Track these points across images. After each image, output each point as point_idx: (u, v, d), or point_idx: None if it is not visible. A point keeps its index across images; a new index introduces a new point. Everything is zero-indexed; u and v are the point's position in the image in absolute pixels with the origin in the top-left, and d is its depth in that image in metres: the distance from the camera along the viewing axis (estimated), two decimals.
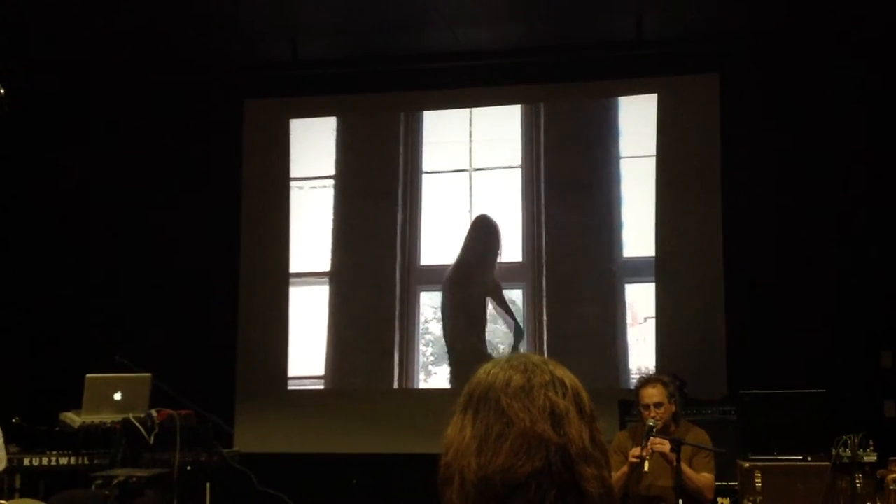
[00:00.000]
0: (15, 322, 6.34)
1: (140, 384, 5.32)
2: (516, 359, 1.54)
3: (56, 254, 7.00)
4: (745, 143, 6.62)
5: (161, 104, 7.25)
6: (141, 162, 7.23)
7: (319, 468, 6.76)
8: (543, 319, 6.93)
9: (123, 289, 7.05)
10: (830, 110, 6.48)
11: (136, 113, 7.23)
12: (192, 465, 5.35)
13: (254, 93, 7.45)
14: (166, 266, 7.12)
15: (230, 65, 7.17)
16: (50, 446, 5.51)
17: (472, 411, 1.48)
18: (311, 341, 7.23)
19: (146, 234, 7.16)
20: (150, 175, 7.23)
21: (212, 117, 7.28)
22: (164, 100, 7.24)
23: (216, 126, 7.29)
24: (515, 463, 1.39)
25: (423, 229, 7.22)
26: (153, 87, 7.19)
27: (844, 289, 6.36)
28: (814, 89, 6.56)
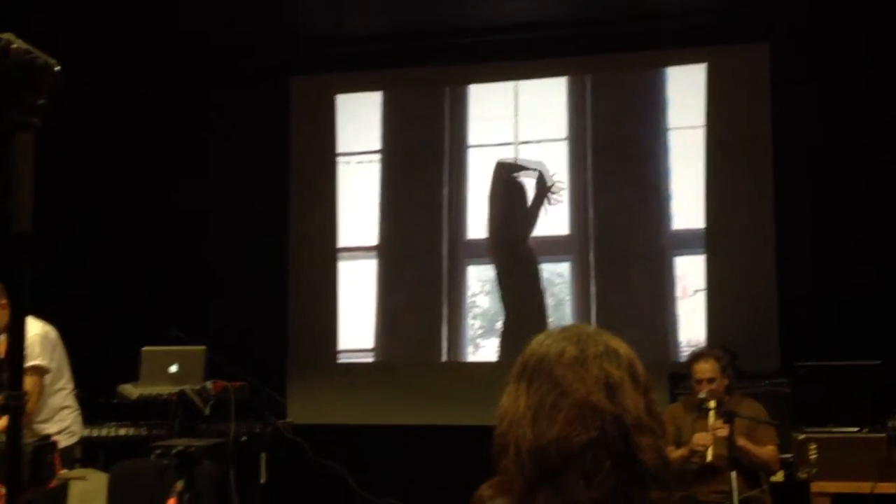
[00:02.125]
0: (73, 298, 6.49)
1: (195, 357, 5.41)
2: (570, 330, 1.55)
3: (112, 229, 7.12)
4: (797, 113, 6.52)
5: (208, 81, 7.32)
6: (190, 140, 7.31)
7: (370, 439, 6.85)
8: (591, 293, 6.92)
9: (178, 264, 7.17)
10: (883, 78, 6.35)
11: (183, 91, 7.31)
12: (247, 436, 5.46)
13: (300, 69, 7.49)
14: (219, 242, 7.22)
15: (276, 41, 7.21)
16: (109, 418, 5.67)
17: (526, 382, 1.50)
18: (361, 315, 7.30)
19: (198, 210, 7.25)
20: (200, 152, 7.32)
21: (259, 94, 7.34)
22: (212, 77, 7.31)
23: (263, 103, 7.35)
24: (570, 433, 1.41)
25: (469, 203, 7.22)
26: (200, 65, 7.26)
27: None
28: (866, 57, 6.43)
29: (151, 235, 7.23)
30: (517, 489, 1.44)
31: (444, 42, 7.23)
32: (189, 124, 7.32)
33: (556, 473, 1.40)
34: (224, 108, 7.30)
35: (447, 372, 7.11)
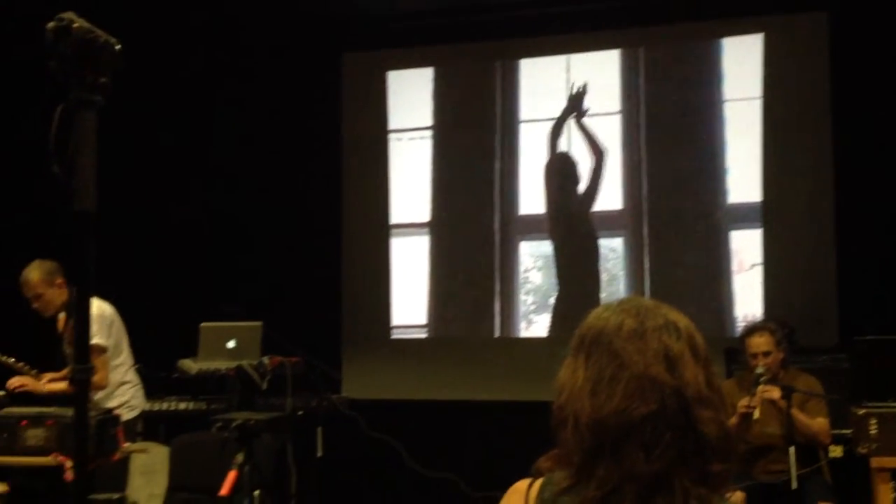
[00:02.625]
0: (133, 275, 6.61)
1: (252, 332, 5.49)
2: (628, 302, 1.55)
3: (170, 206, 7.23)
4: (856, 84, 6.36)
5: (262, 58, 7.37)
6: (244, 117, 7.38)
7: (424, 415, 6.90)
8: (645, 268, 6.86)
9: (234, 240, 7.26)
10: None
11: (236, 67, 7.37)
12: (304, 410, 5.54)
13: (351, 46, 7.50)
14: (273, 218, 7.29)
15: (328, 18, 7.23)
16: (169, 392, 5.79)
17: (584, 355, 1.50)
18: (413, 291, 7.33)
19: (252, 187, 7.34)
20: (253, 130, 7.39)
21: (311, 71, 7.37)
22: (265, 54, 7.36)
23: (316, 80, 7.38)
24: (630, 405, 1.41)
25: (521, 179, 7.20)
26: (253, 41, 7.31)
27: None
28: None
29: (207, 212, 7.33)
30: (576, 461, 1.44)
31: (496, 16, 7.18)
32: (242, 101, 7.39)
33: (616, 446, 1.40)
34: (277, 86, 7.35)
35: (500, 348, 7.12)
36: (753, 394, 4.47)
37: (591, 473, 1.41)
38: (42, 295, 4.66)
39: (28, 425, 3.93)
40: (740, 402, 4.45)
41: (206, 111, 7.37)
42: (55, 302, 4.72)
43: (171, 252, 7.19)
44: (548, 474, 1.48)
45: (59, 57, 1.52)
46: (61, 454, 3.89)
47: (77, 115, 1.55)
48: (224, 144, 7.39)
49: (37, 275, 4.66)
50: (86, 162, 1.57)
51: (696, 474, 1.39)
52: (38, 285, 4.65)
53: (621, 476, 1.38)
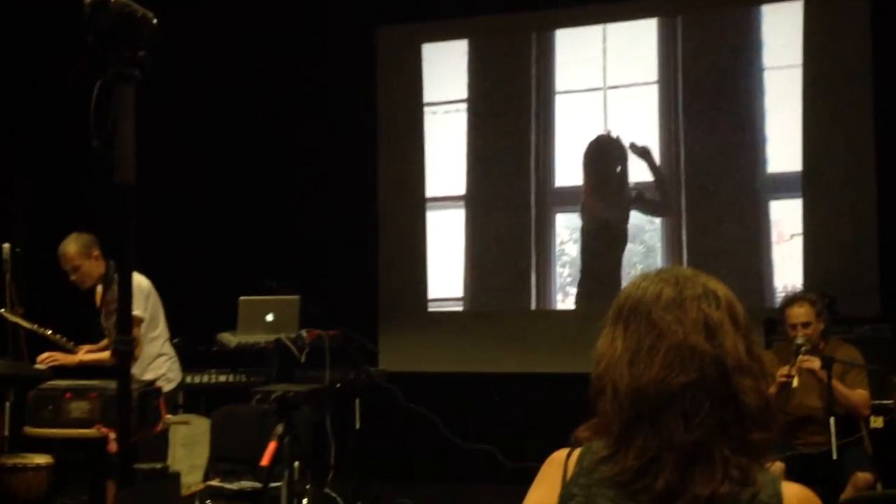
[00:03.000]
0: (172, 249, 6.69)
1: (290, 306, 5.54)
2: (666, 272, 1.54)
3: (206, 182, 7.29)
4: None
5: (296, 32, 7.38)
6: (279, 92, 7.40)
7: (461, 387, 6.92)
8: (683, 240, 6.81)
9: (271, 214, 7.31)
10: None
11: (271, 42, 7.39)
12: (342, 383, 5.58)
13: (386, 18, 7.48)
14: (309, 193, 7.32)
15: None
16: (209, 365, 5.87)
17: (623, 324, 1.50)
18: (450, 264, 7.34)
19: (288, 162, 7.37)
20: (289, 104, 7.41)
21: (346, 44, 7.36)
22: (299, 28, 7.36)
23: (350, 53, 7.38)
24: (669, 374, 1.40)
25: (557, 150, 7.15)
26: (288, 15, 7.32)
27: None
28: None
29: (243, 186, 7.38)
30: (614, 430, 1.44)
31: None
32: (277, 76, 7.41)
33: (655, 415, 1.40)
34: (312, 59, 7.36)
35: (536, 320, 7.12)
36: (793, 363, 4.43)
37: (629, 443, 1.41)
38: (80, 267, 4.72)
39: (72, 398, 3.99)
40: (779, 371, 4.42)
41: (244, 86, 7.40)
42: (92, 274, 4.78)
43: (209, 226, 7.26)
44: (586, 444, 1.48)
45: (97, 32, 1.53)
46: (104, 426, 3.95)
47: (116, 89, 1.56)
48: (261, 119, 7.41)
49: (74, 247, 4.72)
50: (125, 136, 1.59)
51: (736, 443, 1.38)
52: (75, 257, 4.71)
53: (660, 445, 1.38)
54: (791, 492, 1.38)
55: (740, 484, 1.36)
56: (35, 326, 4.70)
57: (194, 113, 7.24)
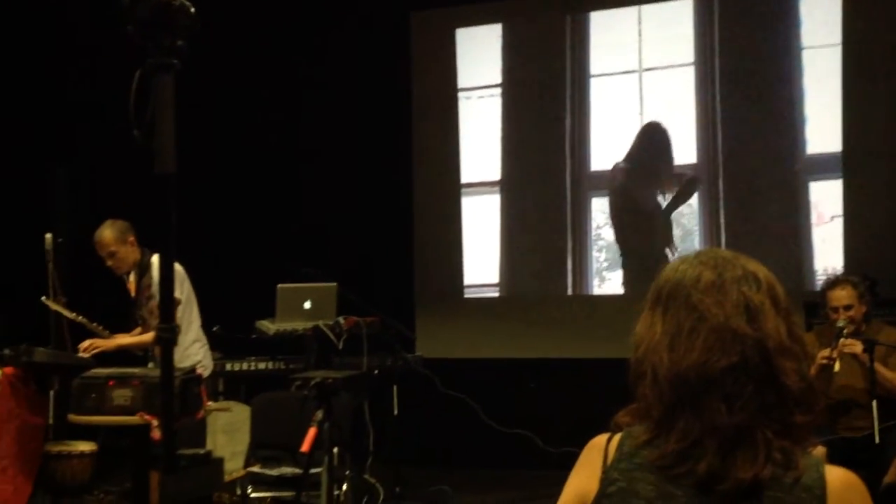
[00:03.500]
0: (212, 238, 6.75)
1: (327, 293, 5.58)
2: (705, 254, 1.52)
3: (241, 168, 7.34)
4: None
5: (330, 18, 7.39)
6: (313, 77, 7.43)
7: (498, 373, 6.93)
8: (720, 223, 6.74)
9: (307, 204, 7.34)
10: None
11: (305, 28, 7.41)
12: (379, 369, 5.62)
13: (419, 4, 7.47)
14: (344, 179, 7.35)
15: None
16: (248, 353, 5.93)
17: (662, 308, 1.49)
18: (485, 250, 7.34)
19: (324, 149, 7.39)
20: (323, 90, 7.43)
21: (380, 30, 7.36)
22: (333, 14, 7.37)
23: (384, 39, 7.37)
24: (710, 358, 1.39)
25: (592, 134, 7.11)
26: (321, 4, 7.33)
27: None
28: None
29: (281, 174, 7.42)
30: (655, 415, 1.43)
31: None
32: (311, 62, 7.43)
33: (696, 399, 1.39)
34: (346, 46, 7.37)
35: (572, 305, 7.09)
36: (834, 346, 4.38)
37: (671, 427, 1.40)
38: (116, 253, 4.78)
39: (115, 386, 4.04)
40: (820, 354, 4.37)
41: (280, 74, 7.43)
42: (128, 260, 4.83)
43: (247, 215, 7.31)
44: (626, 428, 1.48)
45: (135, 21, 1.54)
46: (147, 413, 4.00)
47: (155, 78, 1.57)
48: (297, 107, 7.45)
49: (110, 233, 4.78)
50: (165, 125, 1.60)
51: (778, 426, 1.37)
52: (111, 243, 4.77)
53: (702, 429, 1.37)
54: (835, 475, 1.37)
55: (783, 467, 1.35)
56: (74, 315, 4.77)
57: (231, 101, 7.28)
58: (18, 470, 4.31)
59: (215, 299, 5.43)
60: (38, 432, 4.45)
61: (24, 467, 4.33)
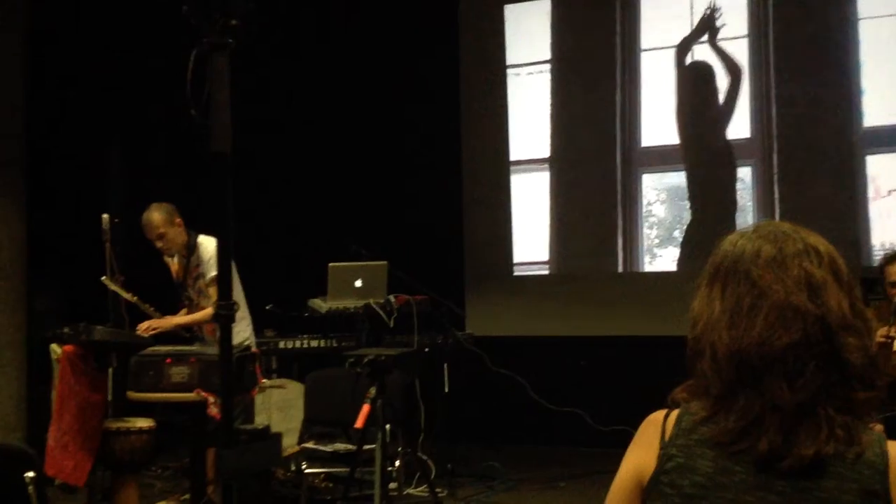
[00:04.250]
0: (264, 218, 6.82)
1: (378, 271, 5.61)
2: (764, 228, 1.49)
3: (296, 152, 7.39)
4: None
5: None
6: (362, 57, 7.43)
7: (547, 351, 6.92)
8: (775, 197, 6.64)
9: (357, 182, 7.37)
10: None
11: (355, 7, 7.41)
12: (430, 347, 5.64)
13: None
14: (394, 158, 7.36)
15: None
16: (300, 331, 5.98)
17: (721, 284, 1.46)
18: (535, 227, 7.31)
19: (372, 128, 7.41)
20: (372, 69, 7.43)
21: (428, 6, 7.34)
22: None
23: (433, 15, 7.35)
24: (771, 335, 1.37)
25: (643, 110, 7.03)
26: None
27: None
28: None
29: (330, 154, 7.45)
30: (714, 392, 1.41)
31: None
32: (360, 43, 7.43)
33: (757, 377, 1.37)
34: (394, 25, 7.36)
35: (623, 283, 7.05)
36: (892, 323, 4.29)
37: (730, 404, 1.38)
38: (165, 234, 4.84)
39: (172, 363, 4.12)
40: (878, 332, 4.28)
41: (327, 54, 7.45)
42: (177, 241, 4.90)
43: (298, 194, 7.36)
44: (684, 405, 1.46)
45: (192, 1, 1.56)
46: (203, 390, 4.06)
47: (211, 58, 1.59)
48: (343, 87, 7.46)
49: (158, 216, 4.84)
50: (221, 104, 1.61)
51: (840, 402, 1.35)
52: (160, 225, 4.83)
53: (763, 407, 1.35)
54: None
55: (845, 443, 1.33)
56: (130, 295, 4.85)
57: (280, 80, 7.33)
58: (79, 446, 4.40)
59: (268, 278, 5.49)
60: (98, 409, 4.54)
61: (84, 443, 4.43)
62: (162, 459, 6.02)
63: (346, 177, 7.40)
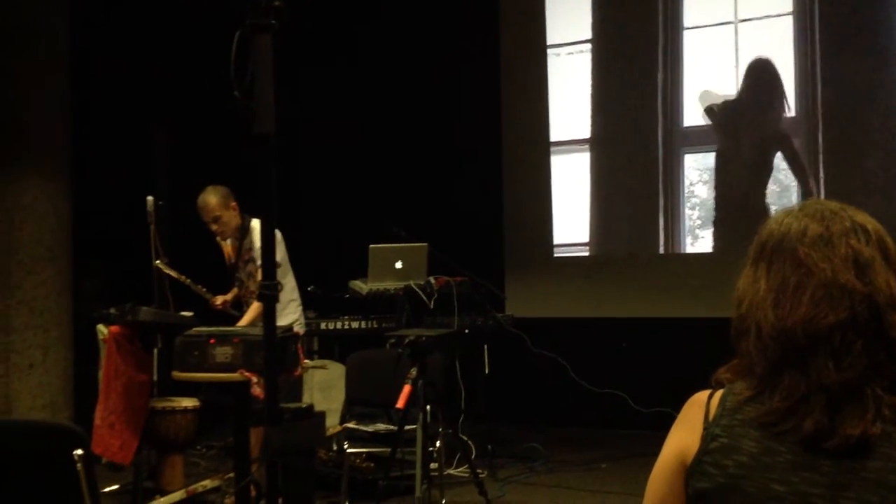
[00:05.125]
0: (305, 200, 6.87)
1: (418, 253, 5.62)
2: (810, 206, 1.47)
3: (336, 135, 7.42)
4: None
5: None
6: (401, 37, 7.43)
7: (588, 332, 6.90)
8: (820, 177, 6.54)
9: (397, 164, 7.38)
10: None
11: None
12: (470, 329, 5.65)
13: None
14: (433, 140, 7.36)
15: None
16: (341, 312, 6.03)
17: (766, 263, 1.45)
18: (575, 209, 7.28)
19: (412, 109, 7.41)
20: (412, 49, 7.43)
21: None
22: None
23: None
24: (817, 314, 1.36)
25: (685, 89, 6.95)
26: None
27: None
28: None
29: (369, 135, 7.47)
30: (758, 371, 1.40)
31: None
32: (399, 20, 7.42)
33: (802, 356, 1.35)
34: (434, 4, 7.34)
35: (665, 264, 7.00)
36: None
37: (775, 384, 1.37)
38: (220, 217, 4.88)
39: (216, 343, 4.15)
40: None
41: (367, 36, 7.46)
42: (231, 224, 4.94)
43: (339, 176, 7.40)
44: (728, 385, 1.45)
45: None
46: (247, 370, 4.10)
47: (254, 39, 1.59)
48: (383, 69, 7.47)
49: (214, 199, 4.88)
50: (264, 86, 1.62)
51: (888, 382, 1.33)
52: (216, 208, 4.88)
53: (808, 387, 1.34)
54: None
55: (892, 424, 1.31)
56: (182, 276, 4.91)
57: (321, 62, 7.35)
58: (126, 425, 4.48)
59: (310, 260, 5.52)
60: (144, 389, 4.61)
61: (130, 422, 4.50)
62: (206, 438, 6.11)
63: (386, 159, 7.42)
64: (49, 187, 6.27)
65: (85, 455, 2.55)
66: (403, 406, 3.83)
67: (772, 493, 1.32)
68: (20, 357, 6.11)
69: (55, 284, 6.26)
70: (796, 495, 1.31)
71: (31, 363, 6.12)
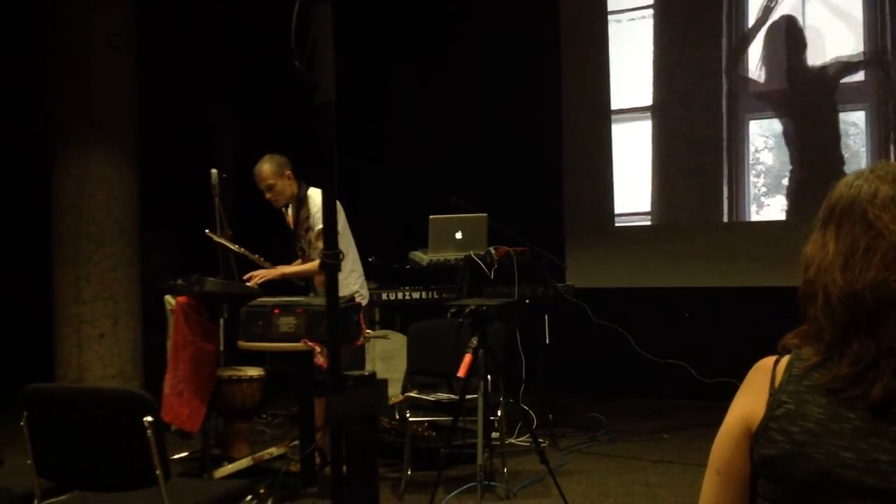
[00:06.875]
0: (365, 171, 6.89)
1: (478, 223, 5.62)
2: (882, 168, 1.44)
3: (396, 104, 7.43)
4: None
5: None
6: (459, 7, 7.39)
7: (650, 302, 6.84)
8: (891, 142, 6.36)
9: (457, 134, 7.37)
10: None
11: None
12: (530, 299, 5.64)
13: None
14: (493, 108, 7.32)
15: None
16: (402, 282, 6.06)
17: (835, 226, 1.42)
18: (637, 177, 7.19)
19: (471, 77, 7.38)
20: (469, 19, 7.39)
21: None
22: None
23: None
24: (888, 278, 1.33)
25: (750, 54, 6.79)
26: None
27: None
28: None
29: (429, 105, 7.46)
30: (826, 337, 1.38)
31: None
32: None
33: (872, 320, 1.32)
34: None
35: (729, 233, 6.88)
36: None
37: (844, 349, 1.34)
38: (274, 185, 4.93)
39: (280, 313, 4.22)
40: None
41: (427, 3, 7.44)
42: (285, 193, 4.98)
43: (398, 147, 7.41)
44: (795, 351, 1.43)
45: None
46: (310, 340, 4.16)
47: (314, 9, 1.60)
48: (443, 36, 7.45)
49: (269, 167, 4.93)
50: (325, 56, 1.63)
51: None
52: (270, 176, 4.93)
53: (878, 351, 1.31)
54: None
55: None
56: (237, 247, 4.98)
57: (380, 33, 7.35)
58: (193, 394, 4.57)
59: (370, 231, 5.55)
60: (211, 358, 4.70)
61: (198, 391, 4.59)
62: (272, 407, 6.22)
63: (446, 129, 7.41)
64: (117, 163, 6.40)
65: (154, 422, 2.61)
66: (464, 375, 3.85)
67: (840, 460, 1.30)
68: (91, 327, 6.28)
69: (124, 256, 6.41)
70: (865, 462, 1.29)
71: (101, 333, 6.30)
